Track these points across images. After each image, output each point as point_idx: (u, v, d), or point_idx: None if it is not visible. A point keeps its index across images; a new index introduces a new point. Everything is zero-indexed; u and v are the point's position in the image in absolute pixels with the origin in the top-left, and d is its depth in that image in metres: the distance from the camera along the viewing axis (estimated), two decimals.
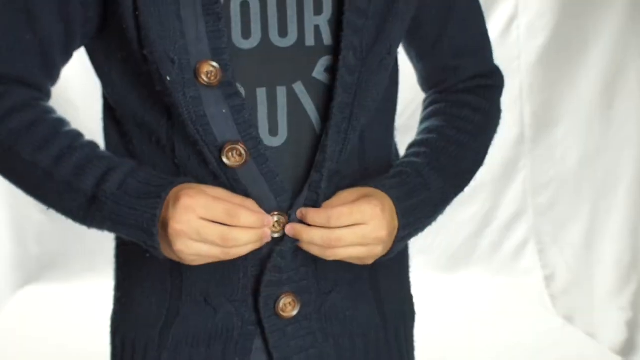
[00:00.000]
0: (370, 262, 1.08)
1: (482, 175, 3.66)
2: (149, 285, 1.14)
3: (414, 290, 1.30)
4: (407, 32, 1.22)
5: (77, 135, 1.09)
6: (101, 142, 1.15)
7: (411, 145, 1.23)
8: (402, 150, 1.27)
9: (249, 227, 1.01)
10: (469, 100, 1.26)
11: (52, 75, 1.12)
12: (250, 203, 1.03)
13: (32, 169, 1.05)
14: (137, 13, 1.01)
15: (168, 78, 1.00)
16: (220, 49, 1.02)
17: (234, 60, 1.03)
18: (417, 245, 1.31)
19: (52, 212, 1.13)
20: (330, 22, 1.09)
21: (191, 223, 0.99)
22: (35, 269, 3.59)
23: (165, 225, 1.00)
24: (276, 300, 1.09)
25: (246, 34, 1.05)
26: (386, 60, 1.10)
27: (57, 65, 1.12)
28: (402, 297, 1.27)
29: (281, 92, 1.07)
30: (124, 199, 1.02)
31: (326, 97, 1.08)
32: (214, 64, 1.01)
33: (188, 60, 1.00)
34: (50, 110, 1.11)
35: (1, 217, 3.49)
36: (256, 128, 1.05)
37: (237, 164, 1.03)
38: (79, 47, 1.14)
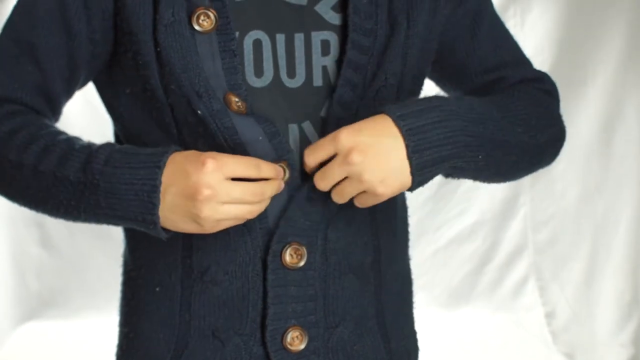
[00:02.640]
0: (380, 190, 1.01)
1: (482, 212, 3.67)
2: (157, 319, 1.14)
3: (415, 327, 1.31)
4: (434, 64, 1.22)
5: (60, 132, 1.08)
6: None
7: None
8: None
9: (271, 178, 1.02)
10: (517, 87, 1.21)
11: (54, 108, 1.13)
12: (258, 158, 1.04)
13: (18, 169, 1.04)
14: (158, 49, 1.02)
15: (199, 112, 1.03)
16: (237, 85, 1.04)
17: (248, 97, 1.05)
18: (418, 282, 1.31)
19: (53, 248, 1.14)
20: (337, 62, 1.10)
21: (222, 185, 0.98)
22: (36, 305, 3.57)
23: (182, 194, 0.99)
24: (283, 334, 1.09)
25: (259, 72, 1.07)
26: (382, 92, 1.11)
27: (59, 99, 1.13)
28: (406, 333, 1.27)
29: (292, 130, 1.09)
30: (115, 174, 1.01)
31: None
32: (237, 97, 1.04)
33: (214, 91, 1.03)
34: (40, 118, 1.10)
35: (1, 252, 3.48)
36: (292, 154, 1.07)
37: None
38: (83, 83, 1.15)
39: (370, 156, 1.00)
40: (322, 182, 1.03)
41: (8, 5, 3.18)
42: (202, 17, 1.04)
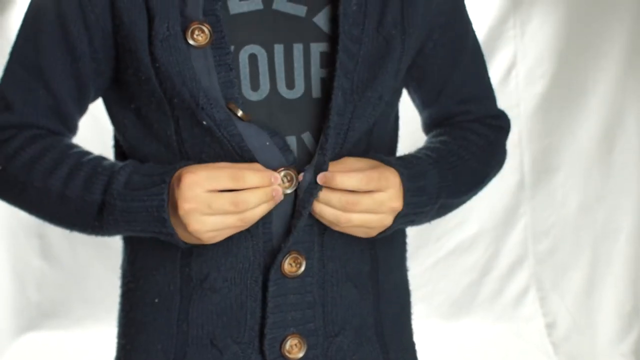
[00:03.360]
0: (374, 233, 1.10)
1: (483, 222, 3.67)
2: (155, 331, 1.14)
3: (415, 338, 1.31)
4: (412, 82, 1.25)
5: (84, 153, 1.11)
6: None
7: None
8: None
9: (256, 186, 1.02)
10: (474, 127, 1.29)
11: (69, 127, 1.16)
12: (255, 165, 1.04)
13: (45, 195, 1.08)
14: (157, 65, 1.03)
15: (204, 122, 1.04)
16: (234, 98, 1.04)
17: (245, 110, 1.06)
18: (418, 293, 1.32)
19: (53, 259, 1.15)
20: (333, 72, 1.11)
21: (199, 198, 1.00)
22: (36, 316, 3.57)
23: (175, 209, 1.01)
24: (282, 342, 1.10)
25: (255, 86, 1.08)
26: (375, 109, 1.12)
27: (73, 118, 1.16)
28: (405, 344, 1.27)
29: (291, 141, 1.09)
30: (131, 195, 1.04)
31: None
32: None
33: (216, 101, 1.04)
34: (60, 139, 1.13)
35: (1, 263, 3.49)
36: (295, 159, 1.08)
37: (289, 189, 1.06)
38: (94, 98, 1.17)
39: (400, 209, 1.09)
40: (356, 206, 1.05)
41: (9, 16, 3.19)
42: (196, 32, 1.04)
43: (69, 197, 1.06)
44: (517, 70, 3.48)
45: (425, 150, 1.22)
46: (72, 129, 1.17)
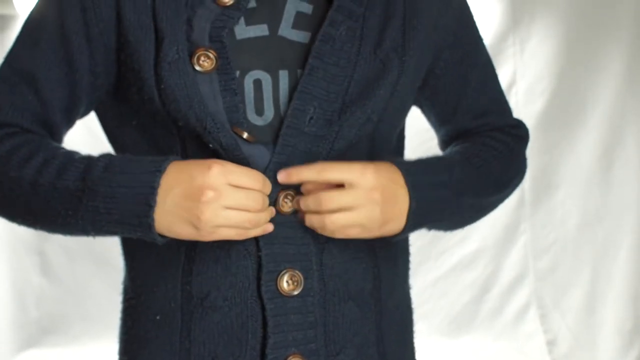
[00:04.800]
0: (374, 230, 1.08)
1: (483, 239, 3.67)
2: (157, 347, 1.14)
3: (416, 356, 1.30)
4: (425, 101, 1.26)
5: (60, 147, 1.10)
6: None
7: None
8: None
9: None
10: (493, 135, 1.29)
11: (54, 137, 1.14)
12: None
13: (18, 184, 1.05)
14: (162, 86, 1.04)
15: (211, 145, 1.05)
16: (240, 123, 1.06)
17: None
18: (419, 311, 1.31)
19: (53, 276, 1.14)
20: None
21: (226, 188, 1.00)
22: (36, 333, 3.56)
23: (185, 195, 1.00)
24: None
25: (259, 111, 1.08)
26: (361, 130, 1.12)
27: (59, 129, 1.15)
28: None
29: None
30: (115, 179, 1.02)
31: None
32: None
33: (222, 125, 1.04)
34: (38, 137, 1.11)
35: (1, 280, 3.49)
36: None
37: (290, 210, 1.08)
38: (84, 113, 1.16)
39: (386, 200, 1.07)
40: (331, 202, 1.05)
41: (11, 33, 3.20)
42: (202, 58, 1.06)
43: (41, 185, 1.04)
44: (517, 87, 3.49)
45: (447, 153, 1.24)
46: (57, 140, 1.15)
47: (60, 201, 1.04)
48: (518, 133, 1.33)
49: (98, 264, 3.40)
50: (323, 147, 1.09)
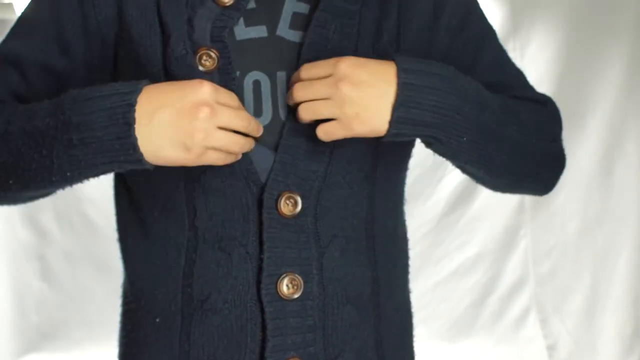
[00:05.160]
0: (354, 125, 1.02)
1: (483, 244, 3.67)
2: (156, 351, 1.14)
3: None
4: None
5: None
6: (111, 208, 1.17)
7: None
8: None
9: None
10: (530, 102, 1.23)
11: None
12: None
13: None
14: (169, 80, 1.04)
15: None
16: None
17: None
18: (419, 315, 1.31)
19: (53, 281, 1.13)
20: None
21: (219, 107, 0.99)
22: (36, 338, 3.56)
23: (178, 112, 0.98)
24: None
25: (258, 111, 1.09)
26: None
27: None
28: None
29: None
30: (86, 105, 0.98)
31: None
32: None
33: None
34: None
35: (2, 285, 3.49)
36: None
37: (292, 213, 1.08)
38: None
39: (359, 90, 1.02)
40: (303, 91, 1.03)
41: None
42: (204, 57, 1.06)
43: (10, 133, 1.02)
44: None
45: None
46: None
47: (32, 144, 1.00)
48: (548, 108, 1.27)
49: (98, 268, 3.41)
50: (326, 147, 1.09)
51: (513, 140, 1.14)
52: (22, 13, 1.14)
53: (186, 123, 0.97)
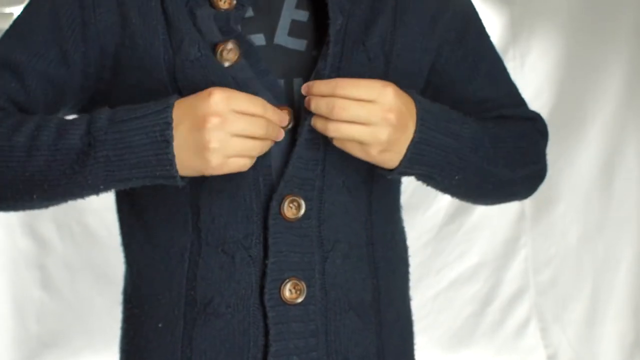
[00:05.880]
0: (374, 152, 1.04)
1: (483, 253, 3.67)
2: (158, 357, 1.14)
3: None
4: (433, 97, 1.23)
5: (48, 115, 1.08)
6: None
7: None
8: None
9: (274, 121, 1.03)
10: (508, 119, 1.25)
11: None
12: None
13: (9, 153, 1.02)
14: (180, 84, 1.06)
15: None
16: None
17: None
18: (420, 324, 1.32)
19: (53, 290, 1.13)
20: None
21: (230, 114, 0.98)
22: (36, 347, 3.56)
23: (191, 127, 0.98)
24: None
25: None
26: None
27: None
28: None
29: None
30: (124, 124, 1.00)
31: None
32: None
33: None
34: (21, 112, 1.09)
35: (2, 295, 3.48)
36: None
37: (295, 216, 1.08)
38: (64, 114, 1.15)
39: (398, 125, 1.03)
40: (345, 112, 1.01)
41: None
42: (224, 52, 1.06)
43: (38, 149, 1.01)
44: None
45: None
46: None
47: (64, 161, 1.01)
48: (536, 126, 1.29)
49: (99, 278, 3.40)
50: (320, 151, 1.10)
51: (499, 174, 1.19)
52: (20, 15, 1.13)
53: (198, 135, 0.98)
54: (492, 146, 1.16)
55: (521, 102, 1.32)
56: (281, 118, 1.04)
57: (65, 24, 1.08)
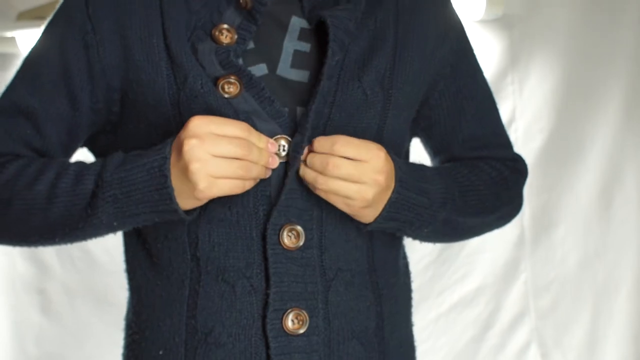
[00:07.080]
0: (356, 207, 1.07)
1: (483, 277, 3.66)
2: None
3: None
4: (421, 132, 1.27)
5: (64, 160, 1.12)
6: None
7: None
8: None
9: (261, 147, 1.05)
10: (489, 162, 1.30)
11: None
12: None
13: (32, 201, 1.06)
14: (184, 118, 1.06)
15: None
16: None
17: None
18: (421, 348, 1.31)
19: (53, 315, 1.14)
20: None
21: (207, 136, 1.00)
22: None
23: (176, 155, 1.01)
24: None
25: None
26: None
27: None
28: None
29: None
30: (132, 164, 1.03)
31: None
32: None
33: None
34: (39, 157, 1.12)
35: (1, 319, 3.47)
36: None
37: (295, 245, 1.08)
38: (80, 147, 1.18)
39: (385, 186, 1.08)
40: (338, 170, 1.04)
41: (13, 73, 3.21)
42: (226, 86, 1.08)
43: (57, 196, 1.05)
44: (516, 125, 3.50)
45: (434, 166, 1.25)
46: None
47: (80, 204, 1.04)
48: (515, 166, 1.33)
49: (99, 303, 3.39)
50: None
51: (468, 222, 1.24)
52: (28, 56, 1.15)
53: (181, 160, 1.00)
54: (462, 198, 1.20)
55: (506, 143, 1.36)
56: (268, 143, 1.06)
57: (72, 65, 1.10)
